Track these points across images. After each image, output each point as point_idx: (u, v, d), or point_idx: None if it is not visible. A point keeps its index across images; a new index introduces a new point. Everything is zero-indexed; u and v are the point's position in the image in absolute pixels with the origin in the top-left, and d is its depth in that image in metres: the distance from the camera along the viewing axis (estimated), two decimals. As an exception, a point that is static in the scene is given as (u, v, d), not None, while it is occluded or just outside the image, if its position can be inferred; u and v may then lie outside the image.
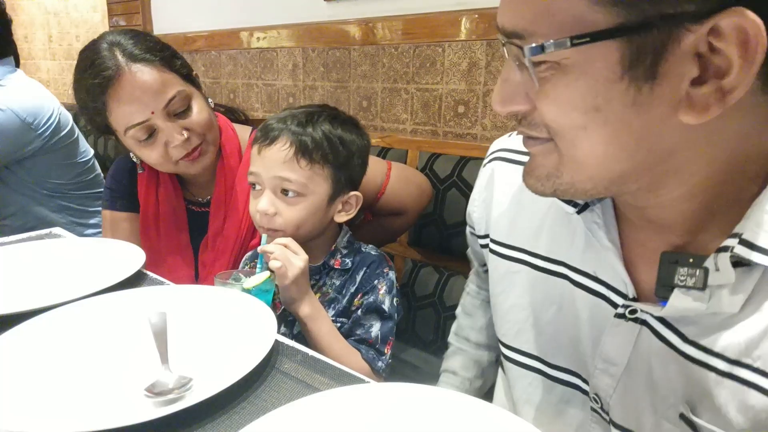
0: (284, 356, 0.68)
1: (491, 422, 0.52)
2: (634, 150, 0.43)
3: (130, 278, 0.89)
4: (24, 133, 1.64)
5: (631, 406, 0.55)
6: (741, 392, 0.45)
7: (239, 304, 0.78)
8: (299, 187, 0.91)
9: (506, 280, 0.67)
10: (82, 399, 0.59)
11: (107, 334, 0.72)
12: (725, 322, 0.46)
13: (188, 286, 0.89)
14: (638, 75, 0.39)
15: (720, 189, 0.45)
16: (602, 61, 0.39)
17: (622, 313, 0.54)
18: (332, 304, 0.98)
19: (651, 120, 0.41)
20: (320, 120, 0.94)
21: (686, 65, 0.38)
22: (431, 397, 0.56)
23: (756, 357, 0.45)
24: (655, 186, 0.46)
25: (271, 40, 2.00)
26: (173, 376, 0.60)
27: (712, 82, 0.38)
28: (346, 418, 0.54)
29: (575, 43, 0.38)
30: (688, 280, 0.45)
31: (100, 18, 3.10)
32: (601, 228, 0.54)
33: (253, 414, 0.56)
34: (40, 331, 0.71)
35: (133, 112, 1.02)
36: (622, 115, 0.41)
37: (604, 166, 0.45)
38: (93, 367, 0.66)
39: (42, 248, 1.06)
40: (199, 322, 0.75)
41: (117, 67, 1.01)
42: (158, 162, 1.09)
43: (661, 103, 0.40)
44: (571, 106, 0.42)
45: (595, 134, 0.42)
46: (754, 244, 0.42)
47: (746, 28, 0.35)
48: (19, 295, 0.83)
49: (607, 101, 0.40)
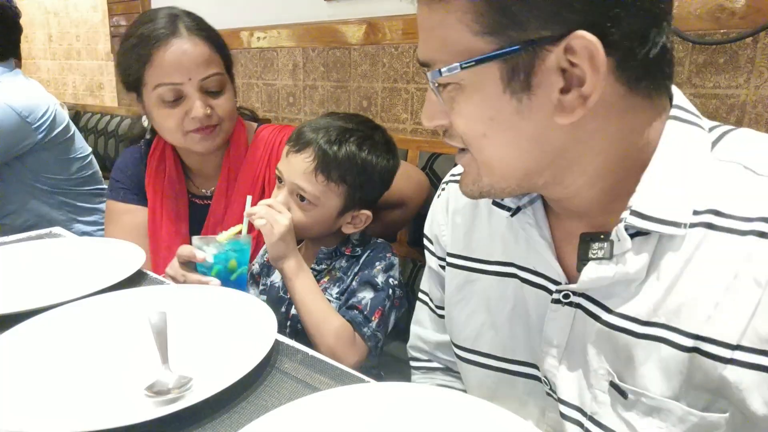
0: (284, 356, 0.68)
1: (491, 422, 0.52)
2: (530, 149, 0.52)
3: (130, 278, 0.90)
4: (21, 129, 1.66)
5: (573, 383, 0.61)
6: (654, 348, 0.52)
7: (239, 304, 0.78)
8: (312, 198, 0.96)
9: (465, 290, 0.72)
10: (82, 399, 0.59)
11: (107, 334, 0.72)
12: (637, 289, 0.54)
13: (188, 286, 0.89)
14: (516, 88, 0.48)
15: (617, 175, 0.54)
16: (488, 79, 0.49)
17: (557, 298, 0.60)
18: (337, 283, 1.02)
19: (536, 124, 0.50)
20: (350, 140, 0.97)
21: (553, 78, 0.48)
22: (431, 397, 0.56)
23: (661, 314, 0.52)
24: (560, 178, 0.55)
25: (271, 40, 2.00)
26: (173, 376, 0.60)
27: (575, 90, 0.47)
28: (346, 418, 0.54)
29: (464, 67, 0.48)
30: (598, 253, 0.54)
31: (100, 18, 3.10)
32: (534, 226, 0.62)
33: (253, 414, 0.56)
34: (40, 331, 0.71)
35: (172, 72, 1.07)
36: (511, 121, 0.50)
37: (509, 166, 0.54)
38: (93, 367, 0.66)
39: (42, 248, 1.06)
40: (199, 322, 0.75)
41: (174, 29, 1.08)
42: (171, 128, 1.12)
43: (540, 109, 0.49)
44: (473, 118, 0.52)
45: (494, 140, 0.52)
46: (643, 214, 0.51)
47: (589, 46, 0.45)
48: (19, 295, 0.83)
49: (497, 111, 0.50)
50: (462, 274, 0.72)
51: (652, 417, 0.53)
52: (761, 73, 1.08)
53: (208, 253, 0.93)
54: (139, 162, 1.28)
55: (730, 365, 0.49)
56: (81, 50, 3.39)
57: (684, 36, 1.13)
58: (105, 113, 2.68)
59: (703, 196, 0.51)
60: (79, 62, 3.43)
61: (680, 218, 0.51)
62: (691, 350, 0.51)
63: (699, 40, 1.12)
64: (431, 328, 0.85)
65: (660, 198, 0.51)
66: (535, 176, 0.55)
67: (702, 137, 0.53)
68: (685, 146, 0.52)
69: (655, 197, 0.51)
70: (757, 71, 1.08)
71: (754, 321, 0.48)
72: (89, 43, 3.30)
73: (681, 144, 0.52)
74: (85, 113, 2.78)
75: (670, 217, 0.51)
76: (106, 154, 2.54)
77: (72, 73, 3.52)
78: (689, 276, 0.51)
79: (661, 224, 0.51)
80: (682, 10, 1.14)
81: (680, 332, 0.51)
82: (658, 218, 0.51)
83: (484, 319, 0.70)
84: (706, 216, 0.51)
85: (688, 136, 0.53)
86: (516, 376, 0.68)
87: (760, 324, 0.48)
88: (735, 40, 1.08)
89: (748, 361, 0.48)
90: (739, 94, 1.11)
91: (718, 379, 0.50)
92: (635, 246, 0.53)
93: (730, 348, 0.49)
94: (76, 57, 3.44)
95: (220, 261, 0.93)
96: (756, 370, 0.48)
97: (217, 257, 0.93)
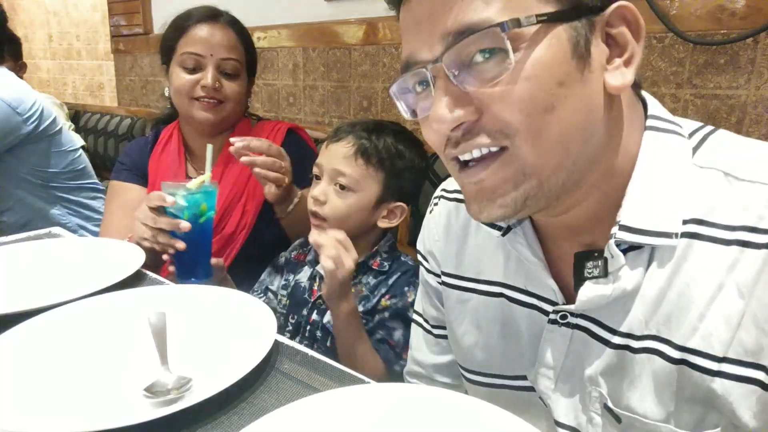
0: (284, 356, 0.68)
1: (491, 422, 0.52)
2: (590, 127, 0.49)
3: (130, 278, 0.89)
4: (10, 119, 1.70)
5: (569, 404, 0.60)
6: (648, 360, 0.52)
7: (239, 304, 0.78)
8: (351, 182, 0.99)
9: (458, 309, 0.71)
10: (82, 399, 0.59)
11: (107, 334, 0.72)
12: (626, 305, 0.53)
13: (188, 286, 0.89)
14: (581, 52, 0.47)
15: (604, 190, 0.53)
16: (558, 39, 0.46)
17: (554, 319, 0.59)
18: (362, 302, 1.02)
19: (595, 96, 0.48)
20: (385, 132, 1.03)
21: (601, 46, 0.48)
22: (431, 397, 0.56)
23: (652, 326, 0.52)
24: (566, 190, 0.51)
25: (271, 40, 2.01)
26: (173, 377, 0.60)
27: (616, 60, 0.49)
28: (346, 418, 0.54)
29: (540, 20, 0.45)
30: (594, 272, 0.53)
31: (100, 18, 3.10)
32: (525, 247, 0.60)
33: (253, 414, 0.56)
34: (40, 331, 0.71)
35: (200, 45, 1.25)
36: (576, 92, 0.47)
37: (567, 150, 0.48)
38: (93, 367, 0.66)
39: (42, 248, 1.06)
40: (199, 322, 0.75)
41: (214, 16, 1.29)
42: (182, 87, 1.26)
43: (596, 80, 0.48)
44: (541, 82, 0.46)
45: (562, 113, 0.46)
46: (632, 227, 0.50)
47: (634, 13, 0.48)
48: (19, 295, 0.82)
49: (567, 76, 0.46)
50: (455, 293, 0.71)
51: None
52: (762, 74, 1.08)
53: (178, 196, 0.97)
54: (145, 148, 1.38)
55: (717, 378, 0.48)
56: (81, 50, 3.39)
57: (684, 36, 1.13)
58: (105, 113, 2.69)
59: (687, 204, 0.51)
60: (79, 62, 3.43)
61: (670, 228, 0.50)
62: (680, 362, 0.50)
63: (699, 40, 1.12)
64: (427, 350, 0.81)
65: (647, 210, 0.51)
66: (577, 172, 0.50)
67: (681, 144, 0.53)
68: (665, 156, 0.52)
69: (642, 210, 0.51)
70: (758, 72, 1.08)
71: (739, 333, 0.47)
72: (89, 43, 3.31)
73: (661, 154, 0.52)
74: (85, 113, 2.79)
75: (661, 228, 0.50)
76: (106, 154, 2.54)
77: (72, 73, 3.53)
78: (676, 287, 0.51)
79: (652, 236, 0.50)
80: (682, 11, 1.14)
81: (670, 344, 0.51)
82: (648, 230, 0.50)
83: (476, 339, 0.69)
84: (691, 226, 0.50)
85: (668, 146, 0.52)
86: (516, 391, 0.67)
87: (745, 335, 0.47)
88: (735, 41, 1.08)
89: (734, 373, 0.48)
90: (740, 95, 1.11)
91: (707, 390, 0.49)
92: (629, 261, 0.52)
93: (717, 360, 0.48)
94: (76, 57, 3.45)
95: (190, 205, 0.98)
96: (743, 382, 0.47)
97: (187, 200, 0.98)
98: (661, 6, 1.15)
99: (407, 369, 0.86)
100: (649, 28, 1.18)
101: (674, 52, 1.17)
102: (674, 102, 1.19)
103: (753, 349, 0.47)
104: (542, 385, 0.61)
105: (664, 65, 1.19)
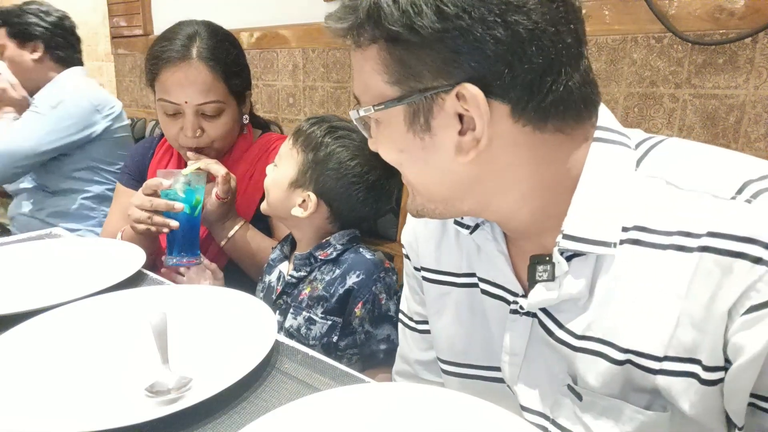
0: (284, 356, 0.68)
1: (491, 422, 0.52)
2: (442, 180, 0.57)
3: (130, 278, 0.90)
4: (90, 115, 1.77)
5: (534, 390, 0.63)
6: (592, 361, 0.56)
7: (239, 304, 0.78)
8: (279, 156, 1.04)
9: (439, 302, 0.74)
10: (82, 399, 0.59)
11: (107, 334, 0.73)
12: (583, 306, 0.56)
13: (188, 286, 0.89)
14: (418, 129, 0.54)
15: (544, 199, 0.56)
16: (395, 119, 0.55)
17: (515, 309, 0.62)
18: (320, 302, 0.97)
19: (442, 159, 0.55)
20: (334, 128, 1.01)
21: (451, 121, 0.53)
22: (431, 397, 0.56)
23: (597, 330, 0.55)
24: (485, 204, 0.58)
25: (271, 41, 2.01)
26: (173, 376, 0.60)
27: (470, 133, 0.53)
28: (346, 418, 0.54)
29: (376, 109, 0.55)
30: (543, 275, 0.57)
31: (101, 18, 3.10)
32: (491, 241, 0.64)
33: (253, 414, 0.56)
34: (40, 331, 0.71)
35: (172, 91, 1.16)
36: (419, 155, 0.56)
37: (428, 191, 0.59)
38: (93, 367, 0.66)
39: (42, 248, 1.06)
40: (199, 322, 0.75)
41: (186, 54, 1.15)
42: (168, 134, 1.23)
43: (442, 148, 0.54)
44: (387, 149, 0.59)
45: (407, 169, 0.59)
46: (574, 236, 0.54)
47: (476, 96, 0.50)
48: (19, 295, 0.83)
49: (406, 145, 0.56)
50: (435, 287, 0.73)
51: (606, 417, 0.56)
52: (760, 74, 1.08)
53: (174, 181, 1.07)
54: (148, 150, 1.37)
55: (660, 375, 0.52)
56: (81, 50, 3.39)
57: (683, 36, 1.13)
58: (105, 114, 2.68)
59: (629, 213, 0.53)
60: (79, 63, 3.43)
61: (609, 237, 0.53)
62: (625, 362, 0.54)
63: (698, 40, 1.12)
64: (413, 346, 0.82)
65: (589, 219, 0.54)
66: (456, 202, 0.59)
67: (626, 155, 0.55)
68: (609, 167, 0.54)
69: (584, 219, 0.54)
70: (756, 71, 1.09)
71: (677, 331, 0.50)
72: (89, 44, 3.30)
73: (605, 165, 0.54)
74: (85, 114, 2.78)
75: (600, 237, 0.53)
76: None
77: (72, 73, 3.52)
78: (620, 292, 0.53)
79: (592, 245, 0.53)
80: (681, 11, 1.14)
81: (614, 347, 0.54)
82: (589, 239, 0.53)
83: (456, 330, 0.71)
84: (633, 233, 0.53)
85: (612, 157, 0.55)
86: (491, 381, 0.69)
87: (682, 333, 0.50)
88: (734, 41, 1.08)
89: (675, 369, 0.51)
90: (739, 95, 1.11)
91: (652, 385, 0.53)
92: (573, 267, 0.55)
93: (658, 360, 0.52)
94: (76, 57, 3.44)
95: (185, 190, 1.08)
96: (682, 376, 0.51)
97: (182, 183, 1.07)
98: (659, 6, 1.15)
99: (395, 368, 0.87)
100: (648, 28, 1.19)
101: (673, 52, 1.17)
102: (673, 102, 1.19)
103: (690, 347, 0.50)
104: (508, 372, 0.64)
105: (663, 65, 1.19)
